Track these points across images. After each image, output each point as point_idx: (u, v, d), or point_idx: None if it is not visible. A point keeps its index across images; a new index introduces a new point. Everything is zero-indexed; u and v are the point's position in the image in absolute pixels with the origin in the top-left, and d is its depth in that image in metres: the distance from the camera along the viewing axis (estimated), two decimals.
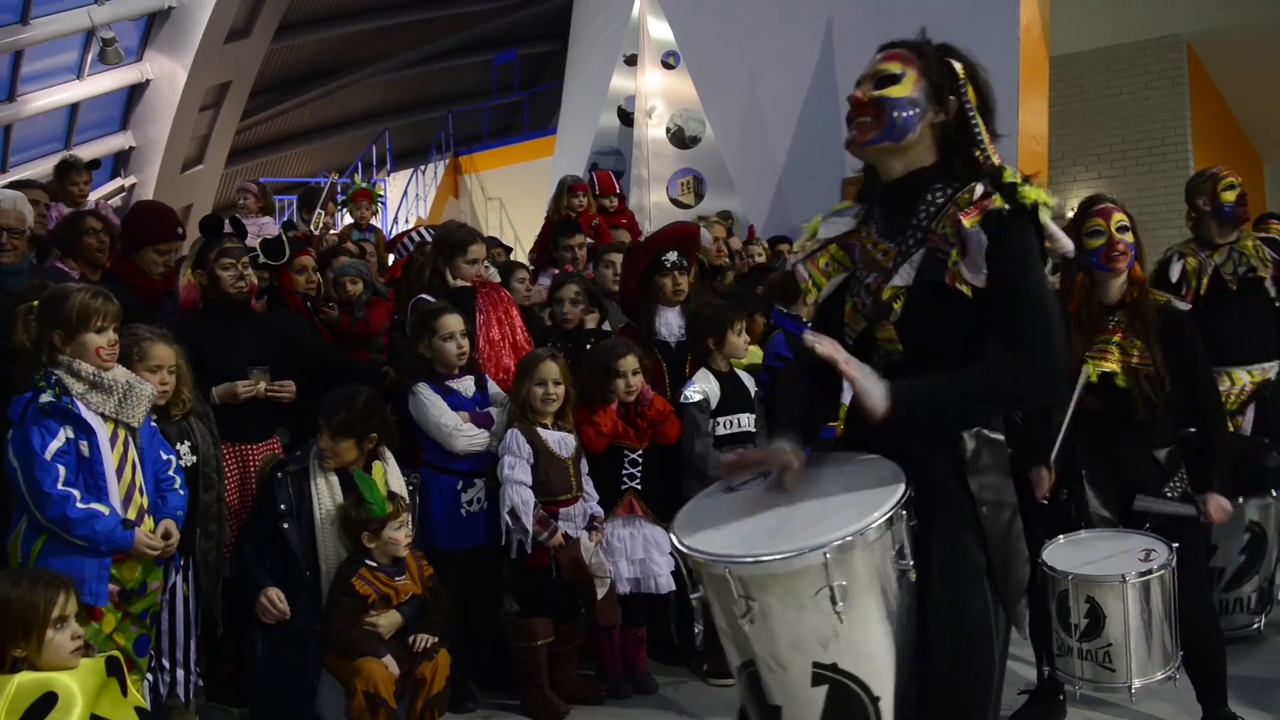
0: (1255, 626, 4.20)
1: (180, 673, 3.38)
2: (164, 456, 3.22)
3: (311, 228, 6.12)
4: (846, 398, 1.98)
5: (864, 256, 2.09)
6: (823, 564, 1.74)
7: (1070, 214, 3.49)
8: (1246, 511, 4.08)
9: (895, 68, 2.00)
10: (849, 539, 1.76)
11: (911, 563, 1.84)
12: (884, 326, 2.01)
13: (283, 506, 3.49)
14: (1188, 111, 10.57)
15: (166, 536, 3.06)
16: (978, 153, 2.00)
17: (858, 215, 2.15)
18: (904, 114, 1.98)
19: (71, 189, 5.79)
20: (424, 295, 4.38)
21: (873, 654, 1.83)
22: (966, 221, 1.90)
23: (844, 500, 1.88)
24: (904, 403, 1.86)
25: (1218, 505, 3.17)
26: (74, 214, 4.68)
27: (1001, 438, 2.01)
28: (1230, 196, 4.45)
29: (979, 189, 1.95)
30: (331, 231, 6.38)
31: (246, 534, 3.60)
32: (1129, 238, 3.22)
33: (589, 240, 6.16)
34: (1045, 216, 1.92)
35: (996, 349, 1.93)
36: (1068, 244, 1.96)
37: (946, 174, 2.02)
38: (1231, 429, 4.17)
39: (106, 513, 2.90)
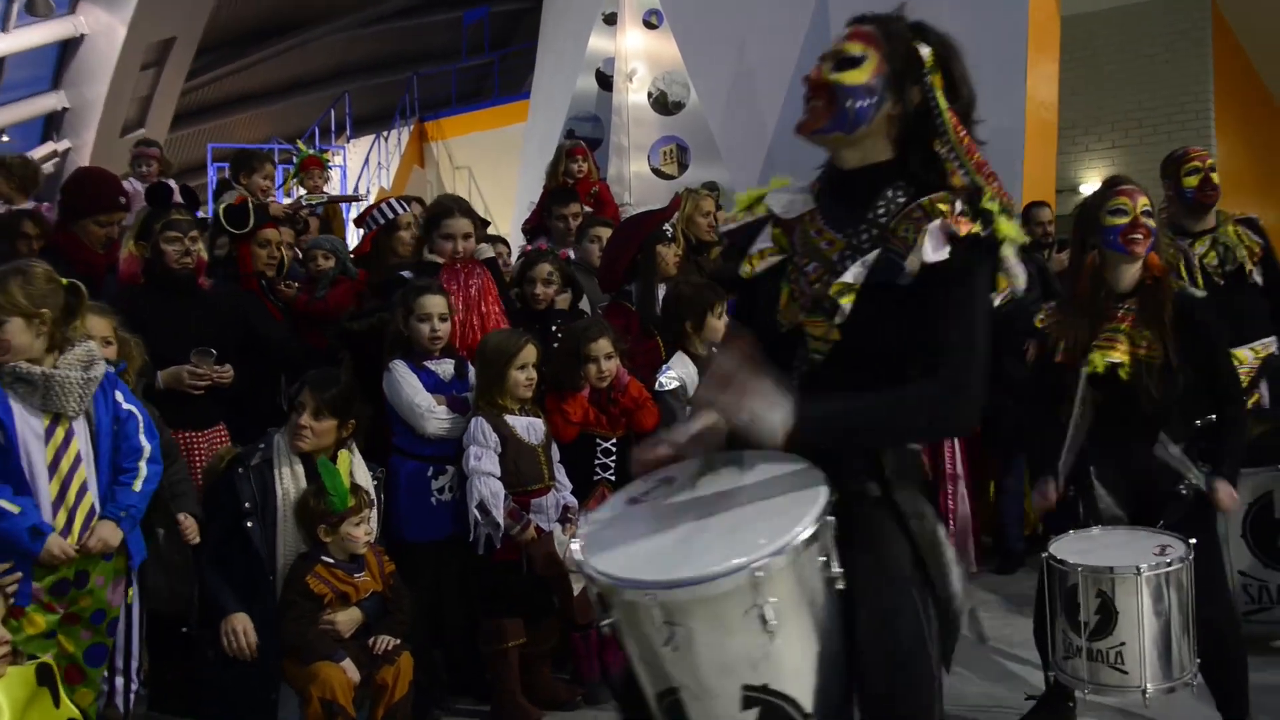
0: None
1: (120, 680, 3.35)
2: (140, 444, 3.17)
3: (259, 194, 6.02)
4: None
5: (805, 242, 2.06)
6: (752, 582, 1.70)
7: (1083, 188, 3.53)
8: None
9: (857, 49, 1.98)
10: (778, 553, 1.72)
11: (839, 570, 1.81)
12: (819, 324, 1.98)
13: (247, 504, 3.41)
14: (1210, 75, 10.45)
15: (96, 537, 3.03)
16: (939, 146, 1.98)
17: (809, 196, 2.13)
18: (858, 104, 1.96)
19: None
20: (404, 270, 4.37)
21: (802, 670, 1.80)
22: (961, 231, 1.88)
23: (763, 507, 1.85)
24: (811, 429, 1.84)
25: (1227, 493, 3.23)
26: (11, 214, 4.60)
27: (917, 446, 2.05)
28: (1191, 182, 4.41)
29: (957, 205, 1.92)
30: (270, 198, 6.29)
31: (202, 539, 3.50)
32: (1152, 222, 3.26)
33: (587, 210, 6.12)
34: (1009, 251, 1.91)
35: (916, 375, 1.93)
36: (1020, 281, 1.96)
37: (905, 171, 2.01)
38: (1250, 405, 4.20)
39: (17, 512, 2.88)
